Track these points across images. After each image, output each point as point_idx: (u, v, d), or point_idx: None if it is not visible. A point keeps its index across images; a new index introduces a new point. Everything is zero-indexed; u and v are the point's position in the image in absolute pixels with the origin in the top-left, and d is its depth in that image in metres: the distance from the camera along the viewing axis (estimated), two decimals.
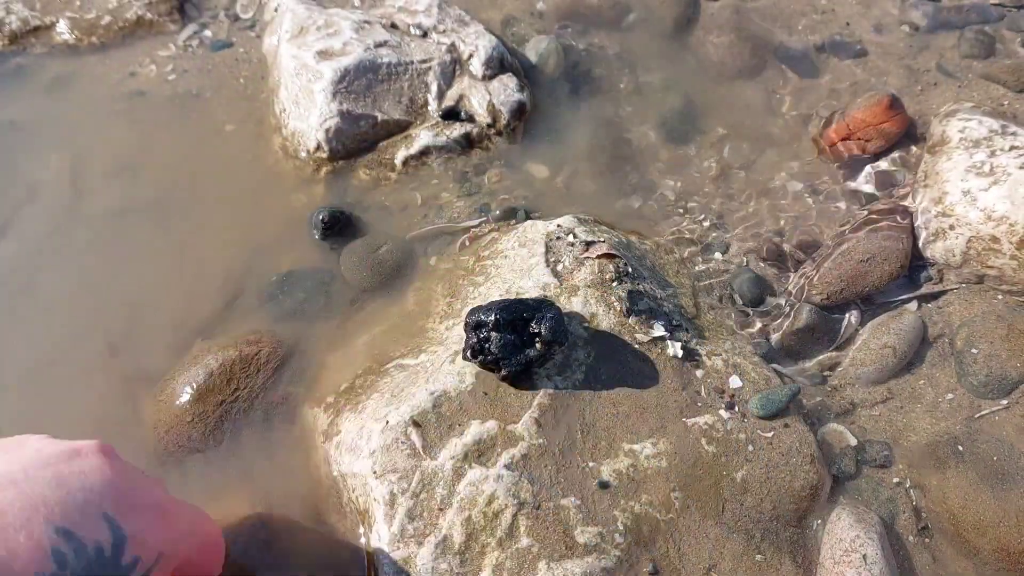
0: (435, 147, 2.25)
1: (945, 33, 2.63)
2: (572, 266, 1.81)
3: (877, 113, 2.27)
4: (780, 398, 1.66)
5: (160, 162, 2.27)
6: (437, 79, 2.34)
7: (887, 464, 1.73)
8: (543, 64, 2.52)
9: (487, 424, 1.53)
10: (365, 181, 2.23)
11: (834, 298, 1.96)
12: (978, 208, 1.91)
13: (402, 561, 1.41)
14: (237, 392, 1.78)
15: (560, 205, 2.19)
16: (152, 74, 2.51)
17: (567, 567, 1.41)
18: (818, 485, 1.61)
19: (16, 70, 2.49)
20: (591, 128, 2.40)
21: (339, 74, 2.24)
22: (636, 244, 2.02)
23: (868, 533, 1.54)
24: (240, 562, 1.58)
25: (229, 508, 1.66)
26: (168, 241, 2.10)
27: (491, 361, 1.54)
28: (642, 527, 1.48)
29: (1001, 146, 2.00)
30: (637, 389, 1.63)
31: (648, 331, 1.71)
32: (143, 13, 2.63)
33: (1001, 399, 1.80)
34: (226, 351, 1.81)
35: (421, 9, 2.51)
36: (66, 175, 2.23)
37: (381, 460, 1.49)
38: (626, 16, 2.69)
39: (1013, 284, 1.92)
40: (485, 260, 1.94)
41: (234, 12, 2.72)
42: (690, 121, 2.43)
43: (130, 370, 1.87)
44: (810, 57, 2.59)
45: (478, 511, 1.44)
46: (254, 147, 2.32)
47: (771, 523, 1.55)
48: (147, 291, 2.00)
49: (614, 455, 1.54)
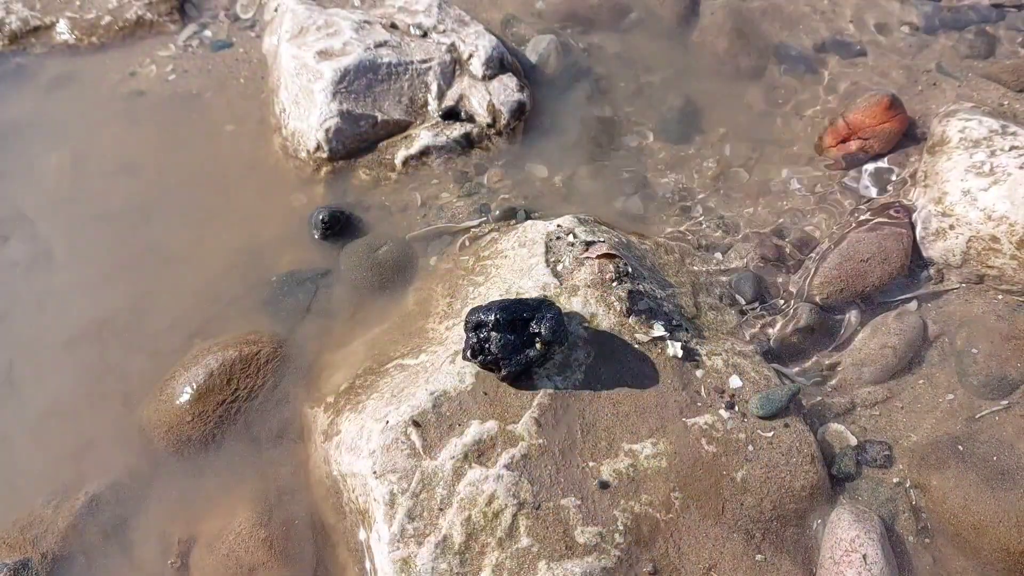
0: (435, 147, 2.25)
1: (945, 33, 2.63)
2: (572, 266, 1.81)
3: (877, 113, 2.27)
4: (780, 398, 1.66)
5: (160, 162, 2.27)
6: (437, 79, 2.34)
7: (887, 464, 1.73)
8: (543, 64, 2.52)
9: (487, 424, 1.53)
10: (365, 181, 2.23)
11: (834, 298, 1.96)
12: (978, 208, 1.91)
13: (402, 561, 1.41)
14: (237, 392, 1.78)
15: (560, 205, 2.19)
16: (152, 74, 2.51)
17: (567, 567, 1.41)
18: (818, 485, 1.61)
19: (16, 70, 2.49)
20: (591, 128, 2.40)
21: (339, 74, 2.24)
22: (636, 244, 2.02)
23: (868, 533, 1.54)
24: (240, 560, 1.58)
25: (229, 507, 1.66)
26: (168, 241, 2.10)
27: (491, 361, 1.54)
28: (642, 527, 1.48)
29: (1001, 146, 2.00)
30: (637, 389, 1.63)
31: (648, 331, 1.71)
32: (143, 13, 2.63)
33: (1001, 399, 1.80)
34: (226, 351, 1.81)
35: (421, 9, 2.51)
36: (66, 175, 2.23)
37: (381, 460, 1.49)
38: (626, 16, 2.69)
39: (1013, 284, 1.92)
40: (485, 260, 1.94)
41: (234, 12, 2.72)
42: (690, 121, 2.43)
43: (130, 370, 1.87)
44: (810, 57, 2.59)
45: (478, 511, 1.44)
46: (254, 147, 2.32)
47: (771, 523, 1.55)
48: (147, 291, 2.00)
49: (614, 455, 1.54)
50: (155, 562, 1.63)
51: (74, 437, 1.78)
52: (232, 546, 1.59)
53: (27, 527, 1.63)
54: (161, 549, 1.64)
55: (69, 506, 1.66)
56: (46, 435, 1.79)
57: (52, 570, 1.59)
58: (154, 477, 1.74)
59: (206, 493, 1.72)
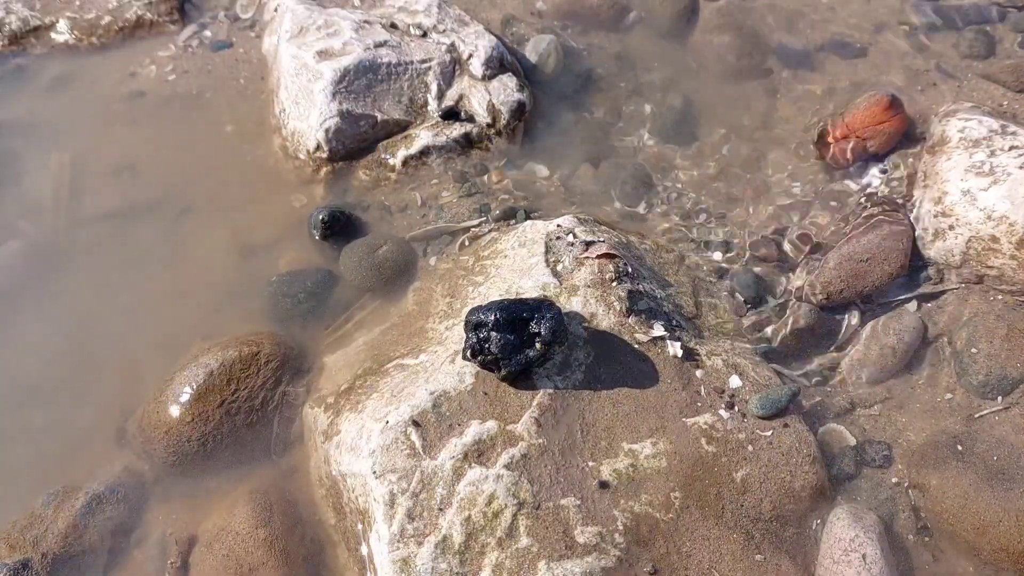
0: (435, 147, 2.25)
1: (945, 33, 2.63)
2: (572, 266, 1.81)
3: (877, 113, 2.27)
4: (780, 398, 1.66)
5: (160, 163, 2.27)
6: (437, 79, 2.35)
7: (886, 464, 1.73)
8: (543, 64, 2.52)
9: (487, 424, 1.53)
10: (365, 181, 2.23)
11: (834, 298, 1.96)
12: (978, 208, 1.92)
13: (402, 561, 1.41)
14: (237, 392, 1.78)
15: (560, 205, 2.19)
16: (152, 74, 2.51)
17: (567, 567, 1.41)
18: (817, 485, 1.61)
19: (16, 70, 2.49)
20: (591, 128, 2.40)
21: (339, 74, 2.24)
22: (636, 244, 2.03)
23: (867, 533, 1.54)
24: (240, 560, 1.58)
25: (229, 508, 1.67)
26: (167, 241, 2.10)
27: (491, 361, 1.54)
28: (642, 527, 1.48)
29: (1001, 146, 2.00)
30: (637, 389, 1.63)
31: (648, 331, 1.71)
32: (143, 13, 2.63)
33: (1001, 399, 1.80)
34: (226, 351, 1.81)
35: (421, 9, 2.51)
36: (66, 175, 2.23)
37: (381, 460, 1.49)
38: (626, 16, 2.69)
39: (1013, 284, 1.92)
40: (485, 260, 1.94)
41: (234, 12, 2.72)
42: (690, 121, 2.43)
43: (129, 370, 1.87)
44: (810, 57, 2.59)
45: (478, 511, 1.44)
46: (254, 147, 2.32)
47: (771, 523, 1.55)
48: (146, 291, 2.00)
49: (614, 455, 1.54)
50: (155, 562, 1.63)
51: (74, 437, 1.78)
52: (232, 546, 1.59)
53: (27, 527, 1.63)
54: (161, 549, 1.64)
55: (69, 506, 1.66)
56: (46, 435, 1.79)
57: (52, 570, 1.59)
58: (154, 477, 1.74)
59: (206, 493, 1.72)
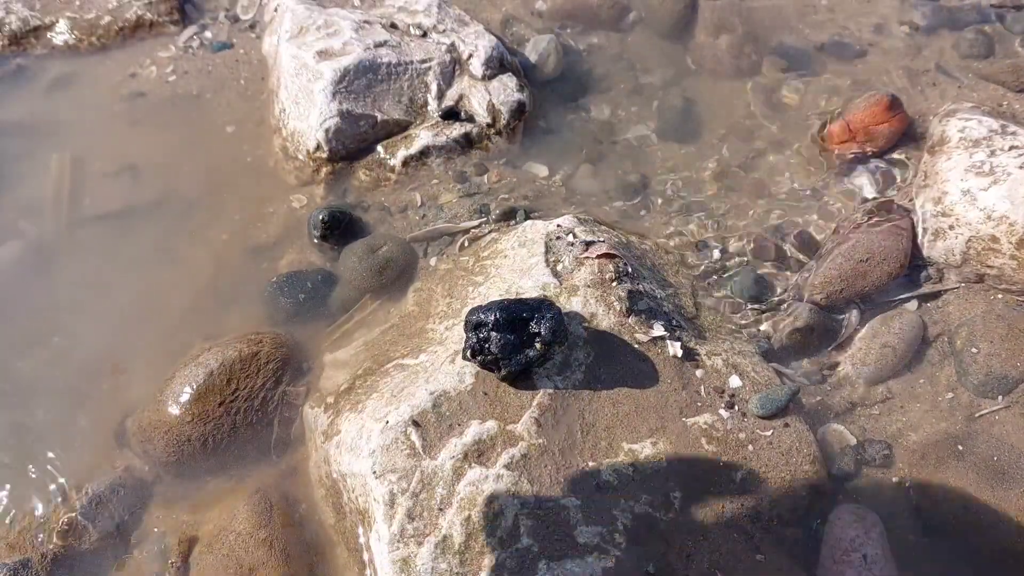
0: (435, 147, 2.25)
1: (945, 33, 2.63)
2: (572, 266, 1.81)
3: (877, 113, 2.27)
4: (780, 398, 1.66)
5: (160, 163, 2.27)
6: (437, 79, 2.35)
7: (887, 464, 1.73)
8: (543, 64, 2.52)
9: (487, 424, 1.53)
10: (365, 182, 2.23)
11: (834, 298, 1.96)
12: (978, 208, 1.91)
13: (402, 561, 1.41)
14: (237, 392, 1.78)
15: (560, 205, 2.20)
16: (152, 75, 2.51)
17: (567, 567, 1.41)
18: (818, 485, 1.61)
19: (16, 70, 2.49)
20: (591, 128, 2.40)
21: (339, 74, 2.24)
22: (636, 244, 2.03)
23: (868, 533, 1.54)
24: (240, 560, 1.58)
25: (229, 508, 1.67)
26: (168, 242, 2.10)
27: (491, 361, 1.54)
28: (642, 527, 1.48)
29: (1001, 146, 2.00)
30: (637, 389, 1.63)
31: (648, 331, 1.71)
32: (143, 13, 2.63)
33: (1001, 398, 1.80)
34: (226, 351, 1.81)
35: (421, 9, 2.51)
36: (66, 176, 2.23)
37: (381, 460, 1.49)
38: (626, 16, 2.69)
39: (1013, 283, 1.92)
40: (485, 260, 1.94)
41: (234, 13, 2.73)
42: (690, 121, 2.43)
43: (130, 370, 1.87)
44: (810, 57, 2.59)
45: (478, 511, 1.44)
46: (254, 148, 2.32)
47: (771, 523, 1.55)
48: (146, 292, 2.00)
49: (614, 455, 1.54)
50: (155, 562, 1.63)
51: (74, 437, 1.78)
52: (232, 546, 1.60)
53: (27, 527, 1.63)
54: (161, 549, 1.64)
55: (69, 506, 1.66)
56: (46, 435, 1.79)
57: (52, 570, 1.59)
58: (154, 477, 1.74)
59: (206, 493, 1.72)
